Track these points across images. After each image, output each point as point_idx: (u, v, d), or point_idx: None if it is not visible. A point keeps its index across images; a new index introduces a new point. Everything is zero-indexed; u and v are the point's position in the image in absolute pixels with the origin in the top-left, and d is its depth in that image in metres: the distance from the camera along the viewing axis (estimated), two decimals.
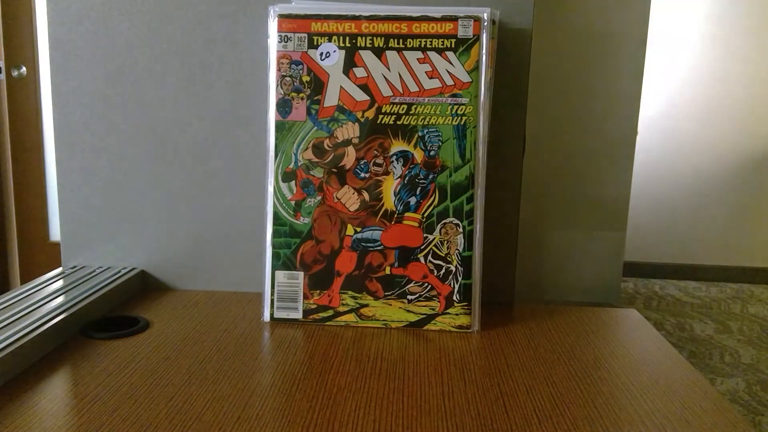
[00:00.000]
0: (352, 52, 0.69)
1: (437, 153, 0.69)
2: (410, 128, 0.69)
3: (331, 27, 0.69)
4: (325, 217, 0.70)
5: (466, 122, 0.68)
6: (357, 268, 0.70)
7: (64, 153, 0.81)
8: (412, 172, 0.69)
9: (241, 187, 0.80)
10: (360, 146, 0.69)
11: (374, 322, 0.70)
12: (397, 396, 0.54)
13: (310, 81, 0.69)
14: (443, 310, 0.70)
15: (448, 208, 0.69)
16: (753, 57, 3.04)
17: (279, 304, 0.71)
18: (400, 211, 0.69)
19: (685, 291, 3.04)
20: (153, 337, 0.66)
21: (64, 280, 0.77)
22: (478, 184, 0.69)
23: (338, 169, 0.70)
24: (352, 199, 0.69)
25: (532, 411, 0.52)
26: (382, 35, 0.69)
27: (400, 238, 0.69)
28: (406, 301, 0.70)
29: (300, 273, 0.70)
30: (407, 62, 0.68)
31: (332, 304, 0.70)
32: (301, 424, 0.50)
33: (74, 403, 0.52)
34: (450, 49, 0.68)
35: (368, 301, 0.70)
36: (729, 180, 3.13)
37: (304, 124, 0.70)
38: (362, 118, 0.69)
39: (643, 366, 0.62)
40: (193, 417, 0.50)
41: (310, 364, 0.61)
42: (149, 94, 0.79)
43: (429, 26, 0.68)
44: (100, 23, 0.78)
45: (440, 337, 0.68)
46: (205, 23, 0.78)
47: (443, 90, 0.68)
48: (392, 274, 0.70)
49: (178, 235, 0.82)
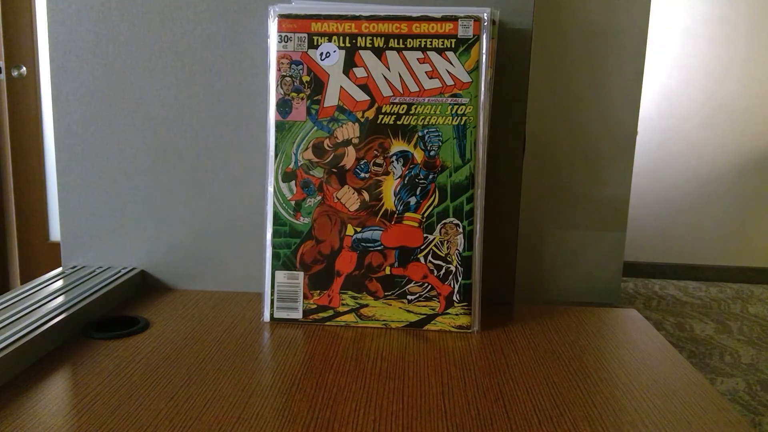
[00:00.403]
0: (352, 52, 0.69)
1: (437, 153, 0.69)
2: (410, 128, 0.69)
3: (331, 27, 0.69)
4: (325, 217, 0.70)
5: (466, 122, 0.68)
6: (357, 268, 0.70)
7: (64, 153, 0.81)
8: (412, 172, 0.69)
9: (241, 187, 0.80)
10: (360, 146, 0.69)
11: (374, 322, 0.70)
12: (397, 396, 0.54)
13: (310, 81, 0.69)
14: (443, 310, 0.70)
15: (448, 208, 0.69)
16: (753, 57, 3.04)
17: (279, 304, 0.71)
18: (400, 211, 0.69)
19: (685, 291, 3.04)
20: (153, 337, 0.66)
21: (64, 280, 0.77)
22: (478, 184, 0.69)
23: (338, 169, 0.70)
24: (352, 199, 0.69)
25: (532, 411, 0.52)
26: (382, 35, 0.69)
27: (400, 238, 0.69)
28: (406, 301, 0.70)
29: (300, 273, 0.70)
30: (407, 62, 0.68)
31: (332, 305, 0.70)
32: (301, 424, 0.50)
33: (74, 402, 0.52)
34: (450, 49, 0.68)
35: (368, 301, 0.70)
36: (729, 180, 3.13)
37: (304, 124, 0.70)
38: (362, 118, 0.69)
39: (643, 366, 0.62)
40: (193, 417, 0.50)
41: (310, 364, 0.61)
42: (149, 94, 0.79)
43: (429, 26, 0.68)
44: (100, 23, 0.78)
45: (440, 337, 0.68)
46: (205, 23, 0.78)
47: (443, 90, 0.68)
48: (392, 274, 0.70)
49: (178, 235, 0.82)
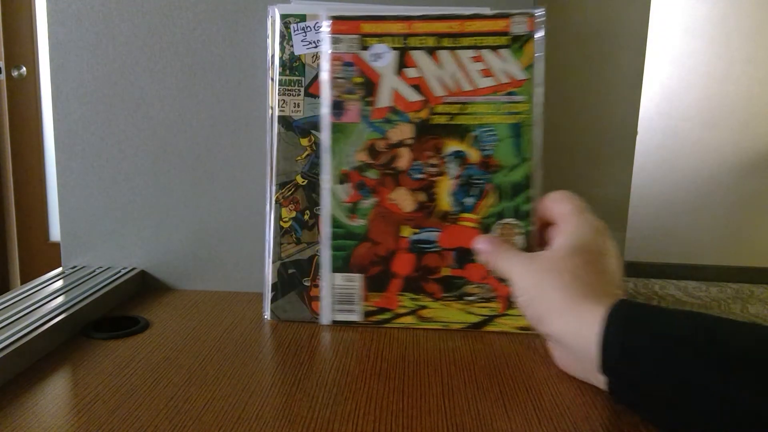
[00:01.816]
0: (403, 53, 0.68)
1: (493, 152, 0.68)
2: (464, 128, 0.68)
3: (383, 28, 0.68)
4: (380, 219, 0.69)
5: (522, 121, 0.67)
6: (414, 269, 0.69)
7: (64, 153, 0.81)
8: (467, 173, 0.68)
9: (241, 187, 0.80)
10: (414, 147, 0.68)
11: (433, 323, 0.69)
12: (397, 396, 0.54)
13: (363, 82, 0.68)
14: (504, 311, 0.69)
15: (506, 208, 0.68)
16: (753, 57, 3.04)
17: (338, 306, 0.70)
18: (456, 211, 0.68)
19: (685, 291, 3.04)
20: (153, 337, 0.66)
21: (64, 280, 0.77)
22: (535, 184, 0.67)
23: (393, 171, 0.69)
24: (407, 201, 0.69)
25: (532, 411, 0.52)
26: (434, 35, 0.68)
27: (457, 239, 0.68)
28: (466, 303, 0.69)
29: (358, 275, 0.69)
30: (460, 61, 0.67)
31: (390, 306, 0.70)
32: (301, 424, 0.50)
33: (74, 403, 0.52)
34: (504, 47, 0.67)
35: (427, 303, 0.69)
36: (729, 180, 3.13)
37: (358, 125, 0.69)
38: (415, 118, 0.68)
39: None
40: (193, 417, 0.50)
41: (310, 364, 0.61)
42: (149, 94, 0.79)
43: (482, 24, 0.67)
44: (100, 23, 0.78)
45: (440, 337, 0.68)
46: (205, 23, 0.78)
47: (498, 89, 0.67)
48: (450, 275, 0.69)
49: (178, 235, 0.82)
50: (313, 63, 0.70)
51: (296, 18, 0.70)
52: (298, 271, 0.71)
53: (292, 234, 0.71)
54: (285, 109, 0.71)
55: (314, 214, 0.71)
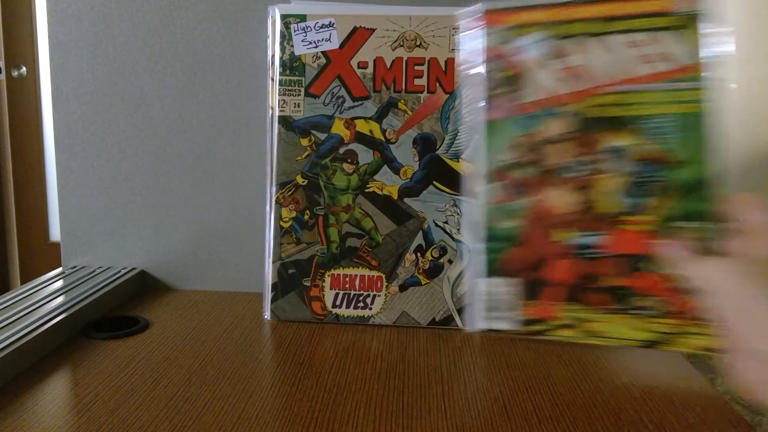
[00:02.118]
0: (556, 42, 0.63)
1: (663, 147, 0.60)
2: (626, 120, 0.61)
3: (534, 17, 0.63)
4: (533, 221, 0.63)
5: (694, 110, 0.59)
6: (573, 277, 0.62)
7: (64, 153, 0.81)
8: (633, 169, 0.61)
9: (241, 187, 0.80)
10: (568, 143, 0.63)
11: (600, 339, 0.59)
12: (397, 396, 0.54)
13: (512, 76, 0.64)
14: (685, 328, 0.58)
15: (678, 209, 0.59)
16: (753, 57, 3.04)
17: (490, 313, 0.63)
18: (621, 213, 0.60)
19: None
20: (153, 337, 0.66)
21: (64, 280, 0.77)
22: (716, 182, 0.59)
23: (546, 169, 0.63)
24: (563, 201, 0.63)
25: (532, 411, 0.52)
26: (588, 20, 0.62)
27: (625, 244, 0.61)
28: (636, 317, 0.59)
29: (510, 280, 0.63)
30: (618, 48, 0.62)
31: (546, 316, 0.62)
32: (301, 424, 0.50)
33: (74, 403, 0.52)
34: (666, 29, 0.61)
35: (589, 316, 0.60)
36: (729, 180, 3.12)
37: (508, 121, 0.64)
38: (570, 112, 0.63)
39: (643, 366, 0.62)
40: (193, 417, 0.50)
41: (310, 364, 0.61)
42: (149, 94, 0.79)
43: (638, 5, 0.61)
44: (100, 23, 0.78)
45: (439, 337, 0.68)
46: (205, 23, 0.78)
47: (660, 76, 0.60)
48: (617, 285, 0.60)
49: (178, 235, 0.82)
50: (313, 63, 0.70)
51: (296, 18, 0.70)
52: (298, 271, 0.71)
53: (292, 234, 0.71)
54: (285, 109, 0.71)
55: (314, 214, 0.71)
